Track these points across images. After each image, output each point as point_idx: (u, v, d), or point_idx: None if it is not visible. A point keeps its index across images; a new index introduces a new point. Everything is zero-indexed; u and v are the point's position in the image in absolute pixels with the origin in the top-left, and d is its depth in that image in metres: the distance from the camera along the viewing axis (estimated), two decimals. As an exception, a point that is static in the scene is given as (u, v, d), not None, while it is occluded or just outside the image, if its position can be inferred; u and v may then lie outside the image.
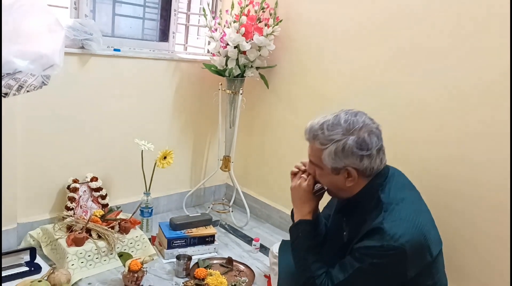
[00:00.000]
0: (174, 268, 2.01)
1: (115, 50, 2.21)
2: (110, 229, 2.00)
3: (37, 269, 1.86)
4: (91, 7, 2.13)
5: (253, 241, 2.31)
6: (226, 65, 2.38)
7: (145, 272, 1.85)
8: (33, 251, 1.91)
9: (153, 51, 2.43)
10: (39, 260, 1.92)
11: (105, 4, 2.30)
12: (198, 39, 2.72)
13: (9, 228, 2.00)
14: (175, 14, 2.51)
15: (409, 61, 1.92)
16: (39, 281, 1.65)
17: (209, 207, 2.75)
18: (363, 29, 2.09)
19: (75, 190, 2.14)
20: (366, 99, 2.09)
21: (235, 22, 2.31)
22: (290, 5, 2.40)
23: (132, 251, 2.05)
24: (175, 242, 2.12)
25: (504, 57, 1.62)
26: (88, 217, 2.05)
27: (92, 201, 2.23)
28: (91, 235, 1.97)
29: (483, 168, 1.72)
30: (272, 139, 2.61)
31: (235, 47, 2.32)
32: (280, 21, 2.36)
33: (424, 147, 1.89)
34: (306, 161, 1.40)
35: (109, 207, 2.25)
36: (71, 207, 2.11)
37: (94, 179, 2.23)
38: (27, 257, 1.90)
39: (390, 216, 1.18)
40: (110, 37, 2.30)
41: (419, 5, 1.86)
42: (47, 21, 1.31)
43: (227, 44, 2.33)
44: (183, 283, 1.92)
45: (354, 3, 2.12)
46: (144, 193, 2.29)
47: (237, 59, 2.36)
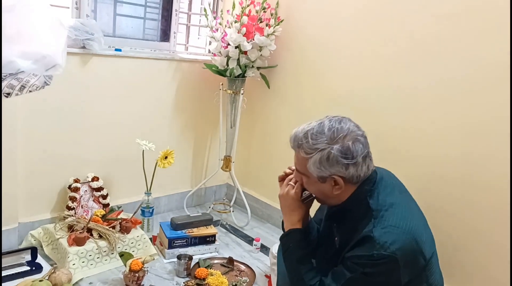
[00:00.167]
0: (175, 268, 2.02)
1: (116, 50, 2.21)
2: (111, 228, 2.00)
3: (38, 268, 1.86)
4: (92, 7, 2.14)
5: (253, 241, 2.31)
6: (227, 65, 2.38)
7: (146, 272, 1.85)
8: (34, 250, 1.91)
9: (154, 51, 2.43)
10: (40, 259, 1.92)
11: (106, 4, 2.30)
12: (199, 39, 2.72)
13: (10, 227, 2.01)
14: (176, 14, 2.51)
15: (410, 60, 1.92)
16: (40, 280, 1.66)
17: (210, 207, 2.75)
18: (364, 29, 2.09)
19: (76, 189, 2.15)
20: (367, 98, 2.09)
21: (236, 22, 2.31)
22: (291, 5, 2.40)
23: (133, 251, 2.05)
24: (176, 242, 2.13)
25: (504, 57, 1.63)
26: (89, 216, 2.06)
27: (93, 200, 2.23)
28: (92, 234, 1.97)
29: (482, 167, 1.72)
30: (273, 139, 2.61)
31: (236, 47, 2.32)
32: (281, 21, 2.36)
33: (429, 144, 1.90)
34: (294, 167, 1.38)
35: (110, 206, 2.25)
36: (72, 207, 2.12)
37: (95, 178, 2.23)
38: (28, 256, 1.90)
39: (380, 224, 1.17)
40: (111, 37, 2.30)
41: (421, 2, 1.87)
42: (49, 21, 1.32)
43: (228, 44, 2.33)
44: (184, 283, 1.92)
45: (355, 3, 2.12)
46: (145, 193, 2.29)
47: (238, 59, 2.36)
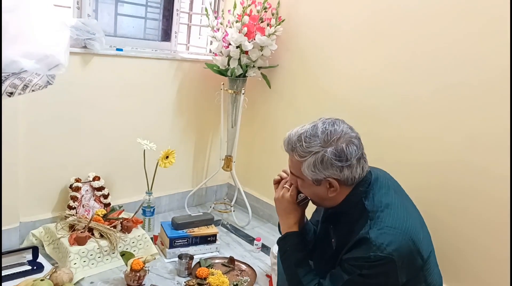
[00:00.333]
0: (176, 268, 2.02)
1: (117, 49, 2.21)
2: (112, 228, 2.00)
3: (39, 268, 1.86)
4: (94, 7, 2.14)
5: (254, 241, 2.31)
6: (228, 64, 2.38)
7: (147, 271, 1.85)
8: (35, 250, 1.92)
9: (155, 50, 2.43)
10: (41, 259, 1.92)
11: (108, 4, 2.30)
12: (200, 39, 2.72)
13: (11, 227, 2.01)
14: (177, 14, 2.51)
15: (412, 59, 1.92)
16: (42, 280, 1.66)
17: (211, 207, 2.76)
18: (366, 29, 2.09)
19: (77, 189, 2.15)
20: (368, 98, 2.09)
21: (237, 22, 2.32)
22: (292, 5, 2.40)
23: (134, 250, 2.05)
24: (177, 241, 2.13)
25: (504, 57, 1.63)
26: (91, 216, 2.06)
27: (95, 200, 2.24)
28: (93, 234, 1.97)
29: (482, 167, 1.72)
30: (274, 139, 2.61)
31: (237, 47, 2.32)
32: (282, 21, 2.36)
33: (429, 146, 1.90)
34: (288, 170, 1.37)
35: (111, 206, 2.26)
36: (73, 206, 2.12)
37: (97, 178, 2.23)
38: (29, 256, 1.90)
39: (376, 225, 1.17)
40: (112, 36, 2.31)
41: (422, 3, 1.87)
42: (52, 21, 1.32)
43: (229, 44, 2.33)
44: (185, 282, 1.92)
45: (356, 3, 2.12)
46: (146, 193, 2.30)
47: (239, 59, 2.36)
